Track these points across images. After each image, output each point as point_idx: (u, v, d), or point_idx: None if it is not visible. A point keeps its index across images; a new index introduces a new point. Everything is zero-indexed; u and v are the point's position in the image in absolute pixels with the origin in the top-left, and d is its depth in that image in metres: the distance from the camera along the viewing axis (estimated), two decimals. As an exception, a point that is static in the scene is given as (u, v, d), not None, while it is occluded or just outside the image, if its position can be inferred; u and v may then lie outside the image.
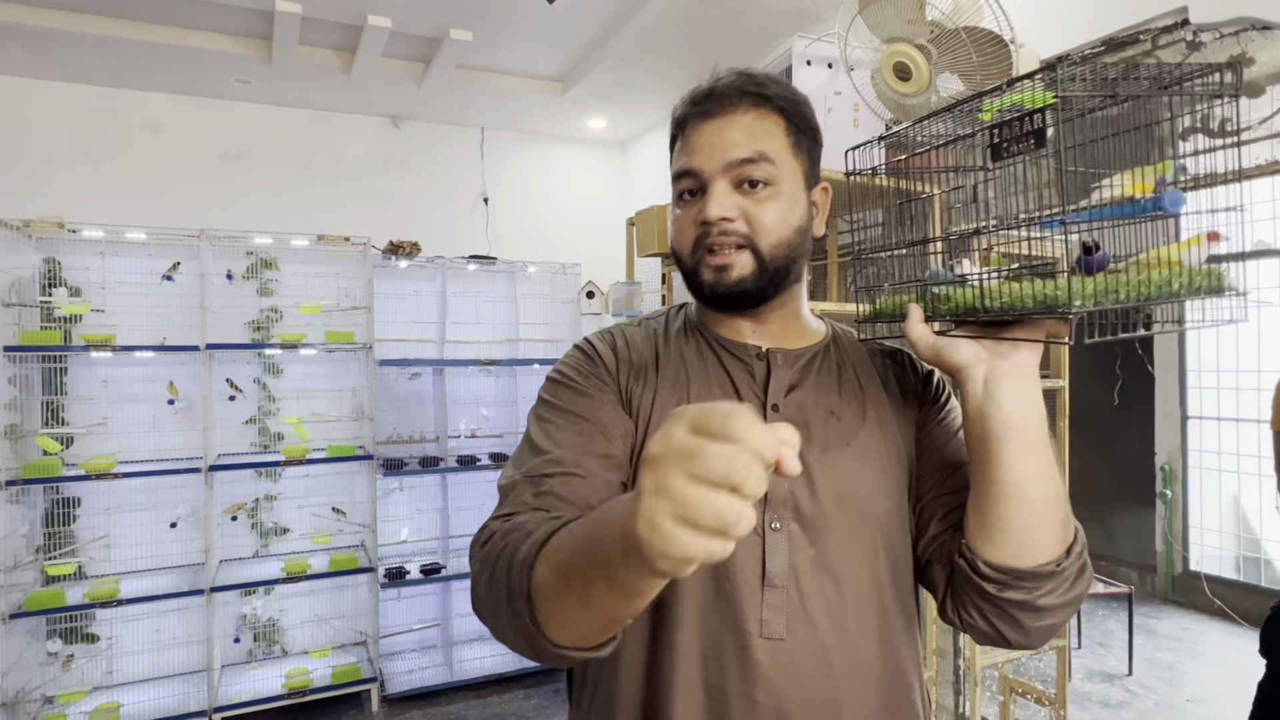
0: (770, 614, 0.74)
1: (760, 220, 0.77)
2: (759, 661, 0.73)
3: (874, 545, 0.78)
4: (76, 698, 2.91)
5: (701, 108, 0.80)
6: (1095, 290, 0.59)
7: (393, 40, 3.20)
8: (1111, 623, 4.04)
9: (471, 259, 3.54)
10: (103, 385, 3.06)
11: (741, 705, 0.73)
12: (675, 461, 0.41)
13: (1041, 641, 0.73)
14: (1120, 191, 0.60)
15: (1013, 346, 0.68)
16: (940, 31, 1.92)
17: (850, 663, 0.75)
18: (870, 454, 0.79)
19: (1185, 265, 0.59)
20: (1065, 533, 0.70)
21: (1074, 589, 0.70)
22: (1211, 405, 4.31)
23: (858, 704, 0.75)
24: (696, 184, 0.79)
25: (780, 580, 0.74)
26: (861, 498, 0.77)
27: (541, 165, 4.51)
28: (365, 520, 3.38)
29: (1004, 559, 0.69)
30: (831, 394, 0.82)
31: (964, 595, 0.74)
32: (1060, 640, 2.40)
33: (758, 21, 2.99)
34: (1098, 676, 3.43)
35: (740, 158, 0.77)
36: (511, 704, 3.25)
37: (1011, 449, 0.68)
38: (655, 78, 3.57)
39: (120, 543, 3.06)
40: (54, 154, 3.56)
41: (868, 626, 0.76)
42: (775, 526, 0.75)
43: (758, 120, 0.79)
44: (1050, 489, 0.68)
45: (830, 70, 2.20)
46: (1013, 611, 0.70)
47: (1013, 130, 0.64)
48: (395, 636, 3.51)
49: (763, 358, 0.83)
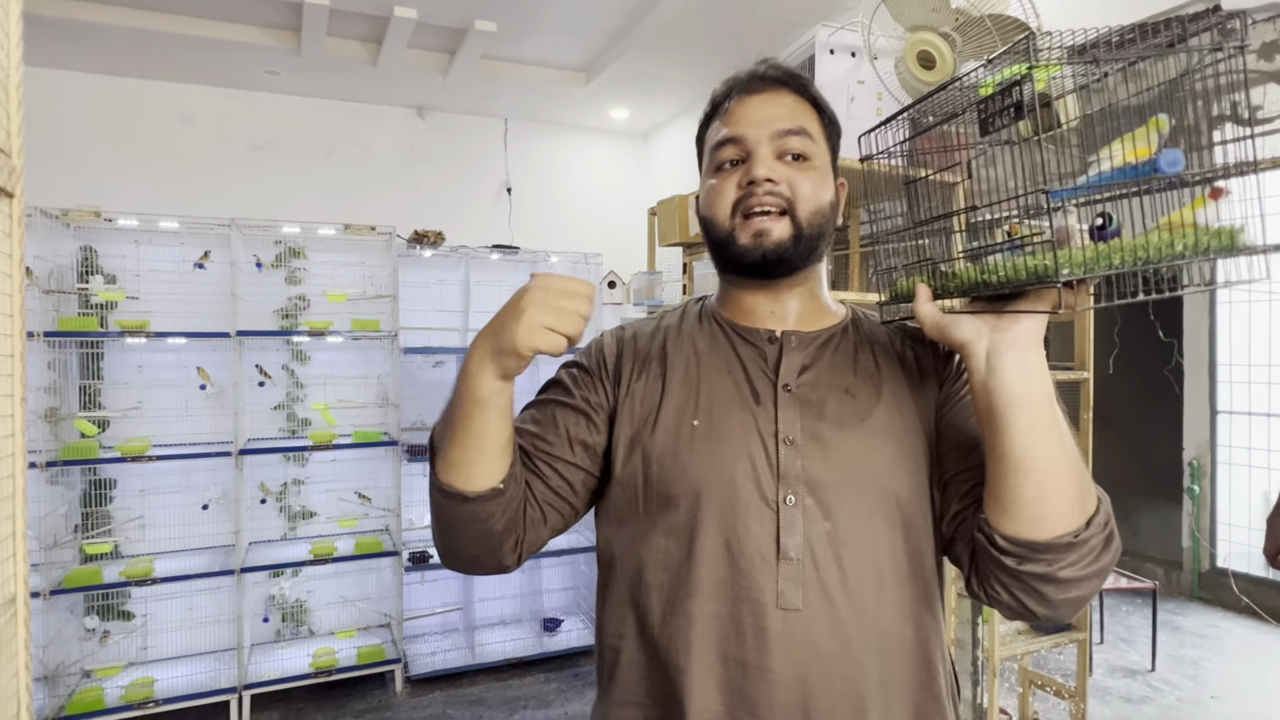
0: (786, 586, 0.75)
1: (800, 188, 0.82)
2: (775, 632, 0.75)
3: (890, 520, 0.79)
4: (113, 672, 3.01)
5: (745, 86, 0.86)
6: (1086, 258, 0.59)
7: (418, 31, 3.24)
8: (1135, 618, 4.00)
9: (495, 249, 3.57)
10: (137, 370, 3.14)
11: (759, 675, 0.74)
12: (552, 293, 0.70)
13: (1069, 615, 0.73)
14: (1119, 161, 0.60)
15: (1013, 320, 0.68)
16: (965, 19, 1.91)
17: (867, 635, 0.76)
18: (886, 431, 0.80)
19: (1193, 227, 0.58)
20: (1084, 504, 0.70)
21: (1098, 561, 0.70)
22: (1242, 400, 4.23)
23: (876, 676, 0.76)
24: (740, 152, 0.84)
25: (795, 553, 0.76)
26: (876, 474, 0.78)
27: (564, 155, 4.53)
28: (390, 505, 3.45)
29: (1019, 531, 0.69)
30: (846, 373, 0.83)
31: (987, 570, 0.74)
32: (1080, 633, 2.39)
33: (780, 11, 2.98)
34: (1120, 671, 3.40)
35: (786, 128, 0.82)
36: (532, 687, 3.31)
37: (1016, 421, 0.68)
38: (677, 68, 3.57)
39: (154, 523, 3.15)
40: (90, 145, 3.65)
41: (885, 600, 0.77)
42: (789, 501, 0.77)
43: (798, 103, 0.86)
44: (1059, 460, 0.68)
45: (854, 59, 2.19)
46: (1034, 584, 0.70)
47: (995, 104, 0.65)
48: (419, 619, 3.57)
49: (775, 341, 0.85)
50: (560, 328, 0.70)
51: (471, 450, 0.75)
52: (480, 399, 0.73)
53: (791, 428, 0.79)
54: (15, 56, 0.55)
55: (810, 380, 0.82)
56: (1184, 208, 0.59)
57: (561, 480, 0.84)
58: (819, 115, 0.86)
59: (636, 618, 0.81)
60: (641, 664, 0.81)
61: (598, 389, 0.87)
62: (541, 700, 3.19)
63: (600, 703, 0.87)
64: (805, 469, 0.78)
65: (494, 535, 0.79)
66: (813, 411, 0.80)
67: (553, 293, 0.70)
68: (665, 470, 0.80)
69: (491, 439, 0.75)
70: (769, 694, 0.74)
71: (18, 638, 0.53)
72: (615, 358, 0.89)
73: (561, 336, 0.70)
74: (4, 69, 0.54)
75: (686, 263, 2.69)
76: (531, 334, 0.69)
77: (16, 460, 0.54)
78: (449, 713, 3.08)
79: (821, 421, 0.80)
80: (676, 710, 0.77)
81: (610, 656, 0.85)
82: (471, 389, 0.73)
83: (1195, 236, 0.57)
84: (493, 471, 0.76)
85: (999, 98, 0.65)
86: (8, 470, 0.54)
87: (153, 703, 2.84)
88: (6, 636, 0.51)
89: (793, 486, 0.77)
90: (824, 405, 0.81)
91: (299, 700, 3.15)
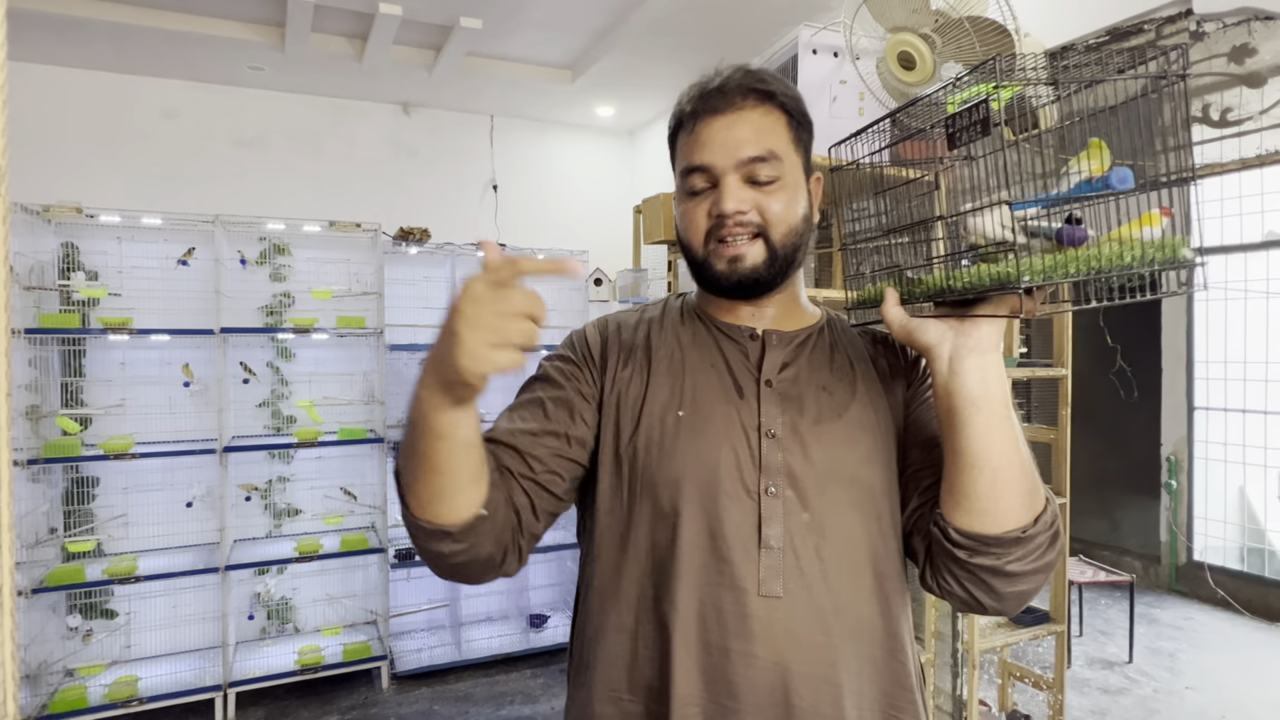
0: (767, 574, 0.77)
1: (771, 211, 0.82)
2: (757, 618, 0.76)
3: (866, 512, 0.81)
4: (96, 671, 2.99)
5: (709, 104, 0.83)
6: (1045, 266, 0.62)
7: (404, 28, 3.23)
8: (1114, 611, 4.06)
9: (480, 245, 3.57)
10: (120, 367, 3.12)
11: (741, 660, 0.76)
12: (484, 304, 0.59)
13: (1016, 608, 0.77)
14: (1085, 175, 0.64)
15: (974, 324, 0.72)
16: (944, 21, 1.93)
17: (846, 622, 0.78)
18: (862, 425, 0.83)
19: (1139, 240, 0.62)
20: (1032, 501, 0.73)
21: (1044, 557, 0.74)
22: (1219, 396, 4.30)
23: (853, 662, 0.78)
24: (708, 179, 0.83)
25: (776, 542, 0.78)
26: (853, 466, 0.81)
27: (550, 153, 4.54)
28: (376, 502, 3.45)
29: (972, 525, 0.73)
30: (824, 371, 0.86)
31: (940, 562, 0.77)
32: (1059, 625, 2.43)
33: (765, 10, 3.00)
34: (1098, 663, 3.46)
35: (751, 155, 0.81)
36: (518, 683, 3.32)
37: (974, 421, 0.72)
38: (664, 66, 3.58)
39: (138, 521, 3.13)
40: (71, 140, 3.62)
41: (862, 589, 0.80)
42: (770, 491, 0.79)
43: (763, 117, 0.83)
44: (1011, 459, 0.72)
45: (836, 59, 2.21)
46: (984, 576, 0.74)
47: (962, 120, 0.68)
48: (405, 616, 3.58)
49: (757, 338, 0.87)
50: (510, 340, 0.60)
51: (443, 484, 0.70)
52: (441, 433, 0.67)
53: (773, 422, 0.81)
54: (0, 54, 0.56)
55: (791, 377, 0.84)
56: (1133, 221, 0.63)
57: (554, 476, 0.82)
58: (788, 120, 0.84)
59: (619, 606, 0.82)
60: (624, 654, 0.81)
61: (585, 379, 0.87)
62: (528, 696, 3.20)
63: (576, 698, 0.86)
64: (786, 461, 0.80)
65: (485, 558, 0.77)
66: (793, 406, 0.82)
67: (484, 304, 0.59)
68: (650, 459, 0.82)
69: (462, 471, 0.70)
70: (750, 678, 0.76)
71: (4, 630, 0.54)
72: (600, 346, 0.89)
73: (515, 351, 0.60)
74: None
75: (672, 260, 2.70)
76: (476, 360, 0.59)
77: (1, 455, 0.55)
78: (435, 709, 3.09)
79: (801, 416, 0.82)
80: (659, 696, 0.78)
81: (590, 648, 0.85)
82: (429, 425, 0.66)
83: (1142, 249, 0.61)
84: (472, 500, 0.72)
85: (966, 114, 0.68)
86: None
87: (136, 701, 2.83)
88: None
89: (774, 478, 0.79)
90: (804, 401, 0.83)
91: (284, 698, 3.14)
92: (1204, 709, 3.04)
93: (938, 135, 0.72)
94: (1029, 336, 4.43)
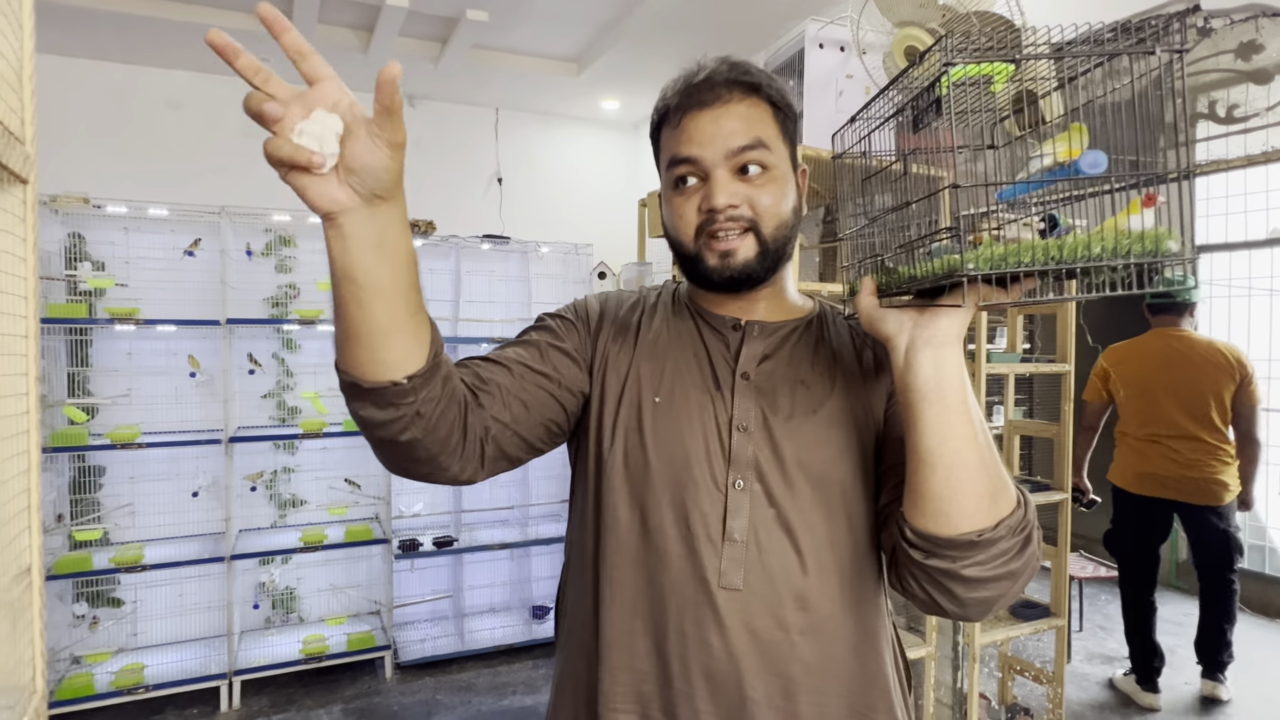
0: (728, 566, 0.78)
1: (761, 204, 0.81)
2: (715, 607, 0.77)
3: (834, 509, 0.80)
4: (102, 658, 3.02)
5: (695, 98, 0.82)
6: (993, 255, 0.61)
7: (410, 20, 3.23)
8: (1113, 607, 4.07)
9: (485, 238, 3.58)
10: (126, 357, 3.14)
11: (697, 646, 0.77)
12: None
13: (979, 615, 0.73)
14: (1053, 160, 0.62)
15: (934, 316, 0.69)
16: (951, 16, 1.94)
17: (807, 619, 0.78)
18: (837, 421, 0.82)
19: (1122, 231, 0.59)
20: (995, 505, 0.69)
21: (1009, 564, 0.70)
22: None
23: (812, 658, 0.78)
24: (696, 172, 0.82)
25: (740, 535, 0.78)
26: (823, 463, 0.80)
27: (555, 146, 4.54)
28: (380, 493, 3.46)
29: (925, 525, 0.70)
30: (804, 365, 0.85)
31: (902, 562, 0.75)
32: (1059, 620, 2.45)
33: (770, 4, 3.00)
34: (1098, 658, 3.48)
35: (740, 145, 0.80)
36: (520, 673, 3.34)
37: (926, 416, 0.69)
38: (669, 59, 3.58)
39: (143, 510, 3.15)
40: (78, 130, 3.63)
41: (826, 586, 0.79)
42: (738, 485, 0.79)
43: (750, 109, 0.82)
44: (966, 458, 0.69)
45: (842, 53, 2.21)
46: (941, 580, 0.71)
47: (921, 101, 0.67)
48: (408, 606, 3.60)
49: (739, 329, 0.87)
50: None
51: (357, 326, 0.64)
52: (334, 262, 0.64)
53: (745, 415, 0.81)
54: (28, 47, 0.57)
55: (768, 370, 0.84)
56: (1119, 213, 0.61)
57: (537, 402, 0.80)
58: (774, 111, 0.83)
59: (592, 581, 0.84)
60: (591, 623, 0.83)
61: (583, 340, 0.88)
62: (530, 686, 3.23)
63: (559, 658, 0.91)
64: (755, 456, 0.80)
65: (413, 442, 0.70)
66: (767, 400, 0.82)
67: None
68: (627, 442, 0.82)
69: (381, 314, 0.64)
70: (706, 665, 0.77)
71: (33, 607, 0.55)
72: (598, 317, 0.90)
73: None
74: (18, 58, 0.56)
75: (676, 254, 2.71)
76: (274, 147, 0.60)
77: (31, 436, 0.56)
78: (439, 698, 3.11)
79: (774, 411, 0.81)
80: (614, 667, 0.80)
81: (568, 610, 0.90)
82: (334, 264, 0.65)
83: (1114, 240, 0.59)
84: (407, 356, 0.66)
85: (923, 95, 0.67)
86: (22, 446, 0.56)
87: (143, 688, 2.85)
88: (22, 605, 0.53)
89: (742, 472, 0.80)
90: (777, 395, 0.82)
91: (289, 686, 3.17)
92: (1203, 704, 3.05)
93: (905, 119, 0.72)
94: (1032, 333, 4.43)
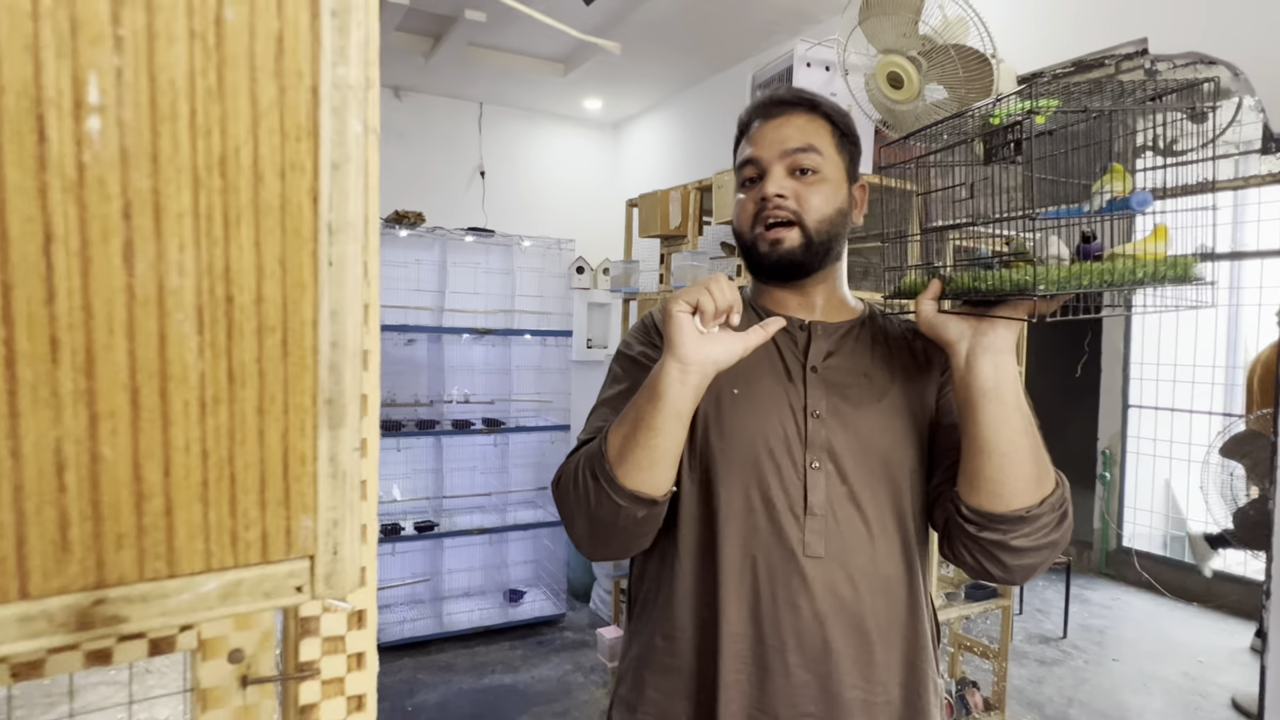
0: (811, 537, 0.89)
1: (808, 200, 0.94)
2: (802, 574, 0.88)
3: (896, 486, 0.92)
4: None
5: (764, 112, 0.98)
6: (1060, 277, 0.69)
7: (407, 15, 3.29)
8: (1050, 592, 4.38)
9: (470, 231, 3.66)
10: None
11: (788, 609, 0.88)
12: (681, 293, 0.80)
13: (1023, 579, 0.88)
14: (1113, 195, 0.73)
15: (991, 325, 0.80)
16: (931, 46, 2.12)
17: (875, 583, 0.90)
18: (897, 409, 0.94)
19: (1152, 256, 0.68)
20: (1039, 485, 0.82)
21: (1049, 535, 0.83)
22: (1150, 395, 4.64)
23: (883, 615, 0.90)
24: (757, 171, 0.96)
25: (819, 510, 0.89)
26: (887, 446, 0.92)
27: (537, 141, 4.62)
28: (362, 478, 3.52)
29: (980, 504, 0.83)
30: (865, 359, 0.97)
31: (955, 535, 0.87)
32: (1005, 601, 2.68)
33: (757, 19, 3.16)
34: (1036, 638, 3.76)
35: (793, 147, 0.94)
36: (498, 654, 3.45)
37: (986, 411, 0.81)
38: (653, 64, 3.71)
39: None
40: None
41: (891, 553, 0.91)
42: (815, 465, 0.91)
43: (809, 121, 0.96)
44: (1019, 446, 0.80)
45: (827, 72, 2.38)
46: (992, 550, 0.83)
47: (999, 138, 0.79)
48: (388, 590, 3.67)
49: (805, 328, 0.97)
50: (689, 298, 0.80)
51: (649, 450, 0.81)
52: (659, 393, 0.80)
53: (818, 404, 0.92)
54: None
55: (835, 364, 0.95)
56: (1145, 238, 0.72)
57: None
58: (832, 129, 0.96)
59: (679, 557, 0.94)
60: (684, 596, 0.92)
61: None
62: (508, 665, 3.34)
63: (637, 632, 0.98)
64: (828, 439, 0.91)
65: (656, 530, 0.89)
66: (836, 391, 0.93)
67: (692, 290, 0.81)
68: (707, 431, 0.93)
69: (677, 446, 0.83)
70: (796, 625, 0.88)
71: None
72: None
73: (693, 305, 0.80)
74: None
75: (664, 253, 2.84)
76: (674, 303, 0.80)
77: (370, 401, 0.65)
78: (419, 677, 3.21)
79: (844, 400, 0.93)
80: (711, 633, 0.90)
81: (651, 591, 0.97)
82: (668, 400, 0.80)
83: (1154, 266, 0.69)
84: (671, 476, 0.84)
85: (1003, 132, 0.78)
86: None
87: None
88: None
89: (817, 453, 0.91)
90: (846, 387, 0.94)
91: (271, 666, 3.22)
92: (1126, 678, 3.35)
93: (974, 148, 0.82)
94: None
